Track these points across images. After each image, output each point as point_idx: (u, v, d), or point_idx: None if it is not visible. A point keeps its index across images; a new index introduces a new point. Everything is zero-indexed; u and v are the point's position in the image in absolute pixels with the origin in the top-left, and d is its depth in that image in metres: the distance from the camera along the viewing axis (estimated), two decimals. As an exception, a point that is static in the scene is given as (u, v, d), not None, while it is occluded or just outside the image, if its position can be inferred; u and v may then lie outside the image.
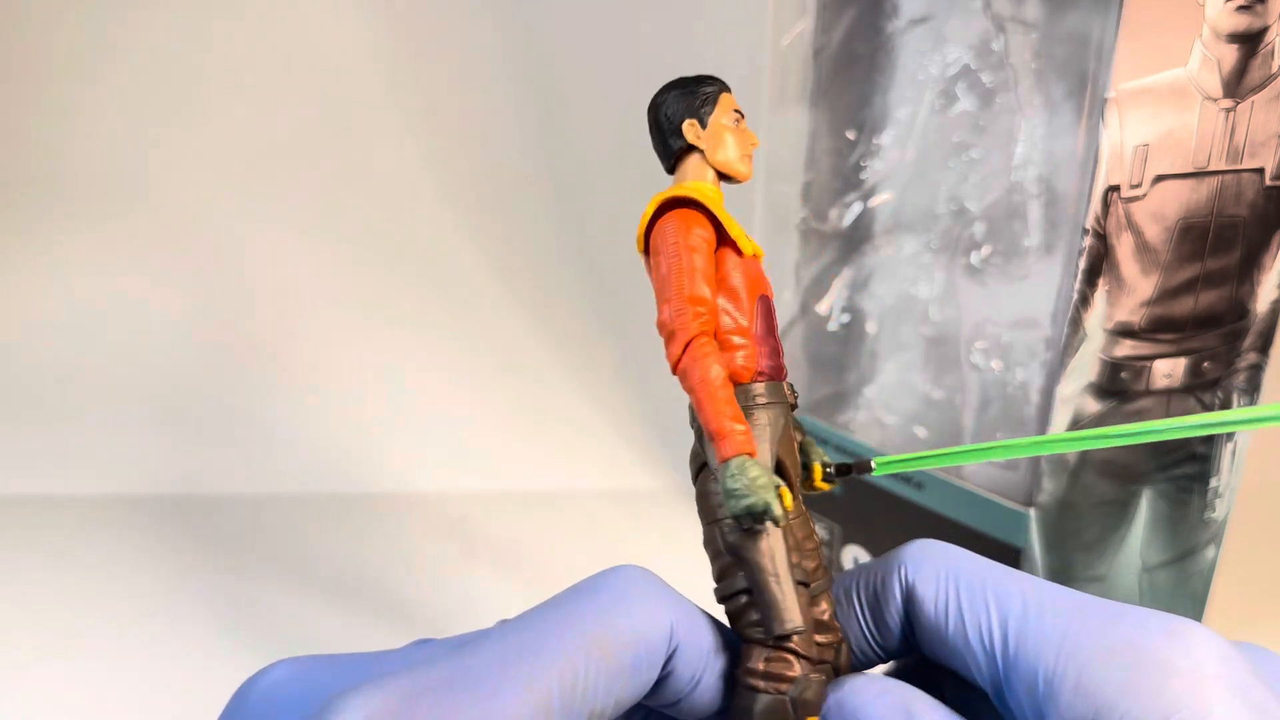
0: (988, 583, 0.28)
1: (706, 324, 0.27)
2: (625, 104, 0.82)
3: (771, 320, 0.29)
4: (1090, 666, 0.24)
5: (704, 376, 0.26)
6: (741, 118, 0.29)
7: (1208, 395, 0.43)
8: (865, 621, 0.30)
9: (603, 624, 0.25)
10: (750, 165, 0.29)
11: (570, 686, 0.23)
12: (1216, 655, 0.24)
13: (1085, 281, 0.40)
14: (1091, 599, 0.27)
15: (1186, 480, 0.45)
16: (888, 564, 0.30)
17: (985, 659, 0.27)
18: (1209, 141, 0.39)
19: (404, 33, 0.79)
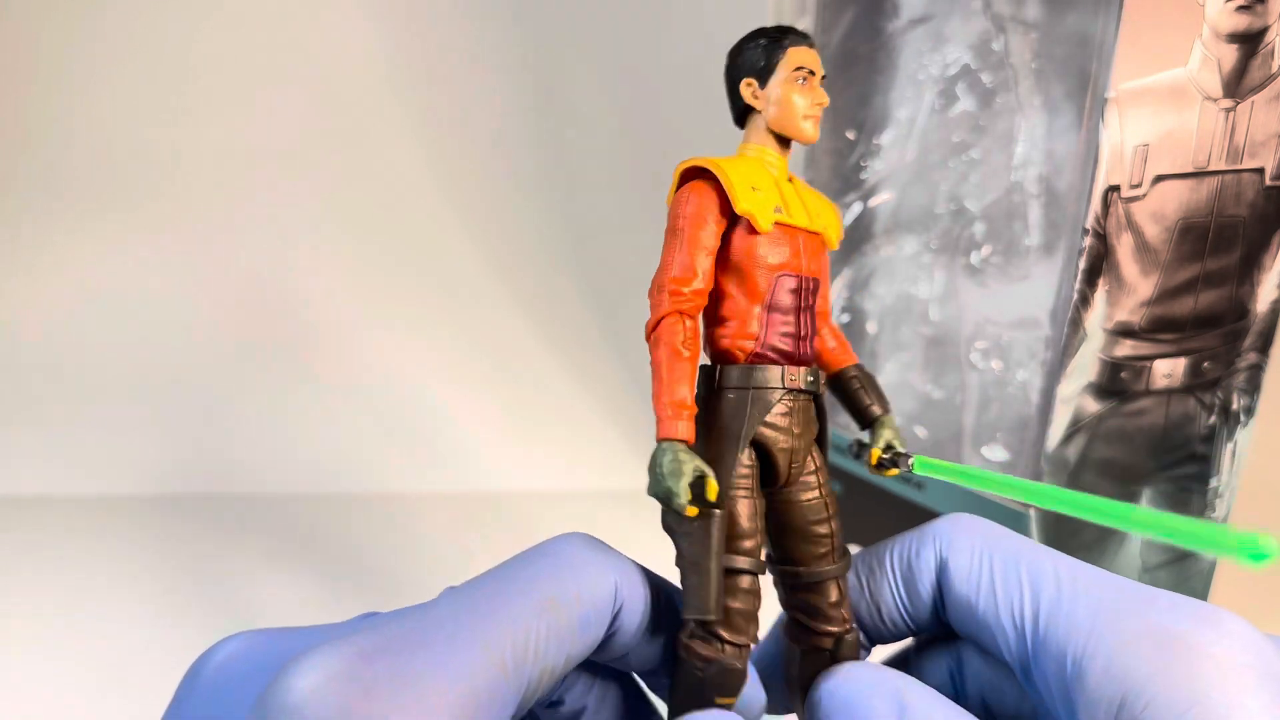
0: (1022, 559, 0.28)
1: (683, 303, 0.27)
2: (626, 104, 0.82)
3: (799, 299, 0.28)
4: (1120, 650, 0.24)
5: (659, 357, 0.26)
6: (808, 75, 0.27)
7: (1208, 395, 0.43)
8: (898, 590, 0.30)
9: (552, 586, 0.26)
10: (815, 127, 0.28)
11: (523, 645, 0.24)
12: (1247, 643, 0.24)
13: (1085, 281, 0.40)
14: (1125, 581, 0.27)
15: (1186, 480, 0.44)
16: (923, 535, 0.30)
17: (1015, 636, 0.27)
18: (1209, 141, 0.39)
19: (407, 33, 0.79)
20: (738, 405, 0.27)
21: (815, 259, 0.28)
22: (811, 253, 0.28)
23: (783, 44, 0.27)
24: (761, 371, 0.27)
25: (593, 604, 0.26)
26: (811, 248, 0.28)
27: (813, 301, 0.28)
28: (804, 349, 0.28)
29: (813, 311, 0.28)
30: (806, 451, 0.28)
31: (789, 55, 0.27)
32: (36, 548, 0.58)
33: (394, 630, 0.23)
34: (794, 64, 0.27)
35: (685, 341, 0.26)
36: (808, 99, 0.27)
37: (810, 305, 0.28)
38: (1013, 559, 0.28)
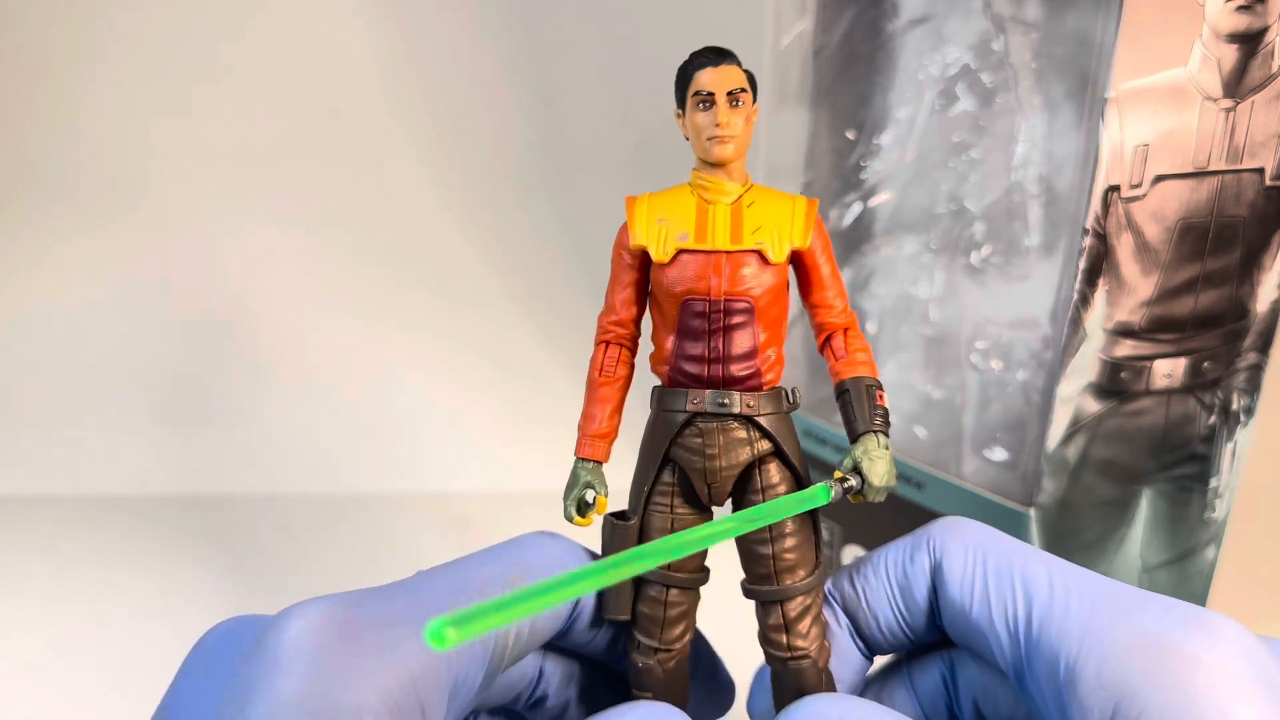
0: (1015, 563, 0.28)
1: (604, 333, 0.30)
2: (625, 104, 0.82)
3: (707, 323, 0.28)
4: (1112, 656, 0.24)
5: (587, 383, 0.30)
6: (707, 97, 0.27)
7: (1208, 395, 0.43)
8: (894, 598, 0.30)
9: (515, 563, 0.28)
10: (720, 147, 0.28)
11: None
12: (1241, 649, 0.24)
13: (1085, 281, 0.40)
14: (1118, 585, 0.27)
15: (1186, 480, 0.44)
16: (917, 539, 0.30)
17: (1009, 640, 0.27)
18: (1209, 141, 0.39)
19: (403, 32, 0.79)
20: (653, 426, 0.29)
21: (739, 276, 0.28)
22: (734, 272, 0.28)
23: (688, 70, 0.28)
24: (670, 395, 0.29)
25: None
26: (735, 266, 0.28)
27: (734, 323, 0.28)
28: (714, 372, 0.28)
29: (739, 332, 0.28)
30: (737, 473, 0.29)
31: (693, 80, 0.28)
32: (37, 548, 0.58)
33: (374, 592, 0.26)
34: (694, 89, 0.28)
35: (600, 368, 0.30)
36: (707, 121, 0.27)
37: (725, 327, 0.28)
38: (1006, 562, 0.28)
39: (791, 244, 0.28)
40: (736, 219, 0.28)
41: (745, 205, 0.28)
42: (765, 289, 0.28)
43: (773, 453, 0.29)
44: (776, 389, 0.29)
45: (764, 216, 0.28)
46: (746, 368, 0.28)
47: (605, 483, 0.30)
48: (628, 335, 0.30)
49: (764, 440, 0.29)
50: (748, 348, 0.28)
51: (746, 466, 0.29)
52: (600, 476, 0.30)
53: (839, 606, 0.31)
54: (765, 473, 0.29)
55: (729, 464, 0.28)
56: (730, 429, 0.28)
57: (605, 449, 0.30)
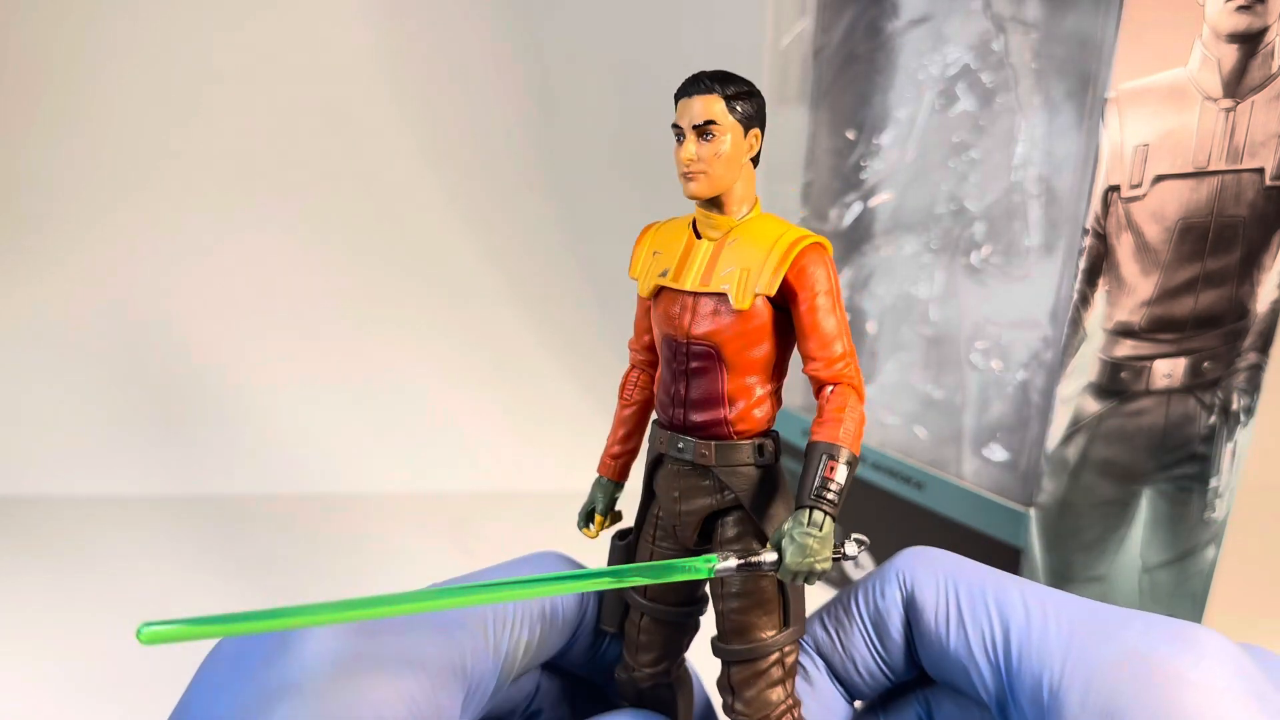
0: (988, 589, 0.27)
1: (630, 357, 0.30)
2: (625, 105, 0.82)
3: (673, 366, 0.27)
4: (1097, 677, 0.24)
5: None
6: (679, 132, 0.26)
7: (1207, 395, 0.43)
8: (869, 636, 0.29)
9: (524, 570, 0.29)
10: (687, 184, 0.26)
11: (501, 618, 0.27)
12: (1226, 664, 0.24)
13: (1085, 281, 0.40)
14: (1093, 604, 0.26)
15: (1187, 480, 0.44)
16: (884, 574, 0.29)
17: (989, 669, 0.26)
18: (1209, 141, 0.39)
19: (403, 33, 0.79)
20: (647, 457, 0.29)
21: (711, 319, 0.26)
22: (706, 315, 0.26)
23: (676, 102, 0.26)
24: (653, 430, 0.29)
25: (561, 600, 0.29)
26: (706, 309, 0.26)
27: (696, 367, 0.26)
28: (678, 416, 0.27)
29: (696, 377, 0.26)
30: (699, 520, 0.27)
31: (678, 111, 0.26)
32: (37, 548, 0.58)
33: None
34: (674, 121, 0.26)
35: (623, 390, 0.30)
36: (679, 155, 0.26)
37: (688, 370, 0.26)
38: (978, 588, 0.27)
39: (756, 289, 0.25)
40: (714, 257, 0.26)
41: (729, 242, 0.26)
42: (732, 334, 0.26)
43: (736, 506, 0.27)
44: (736, 444, 0.27)
45: (739, 257, 0.26)
46: (708, 415, 0.26)
47: (611, 500, 0.30)
48: (648, 361, 0.30)
49: (725, 492, 0.27)
50: (711, 393, 0.26)
51: (710, 514, 0.27)
52: (608, 495, 0.30)
53: (814, 651, 0.30)
54: (724, 526, 0.27)
55: (689, 510, 0.27)
56: (690, 475, 0.27)
57: (616, 468, 0.30)
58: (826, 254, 0.26)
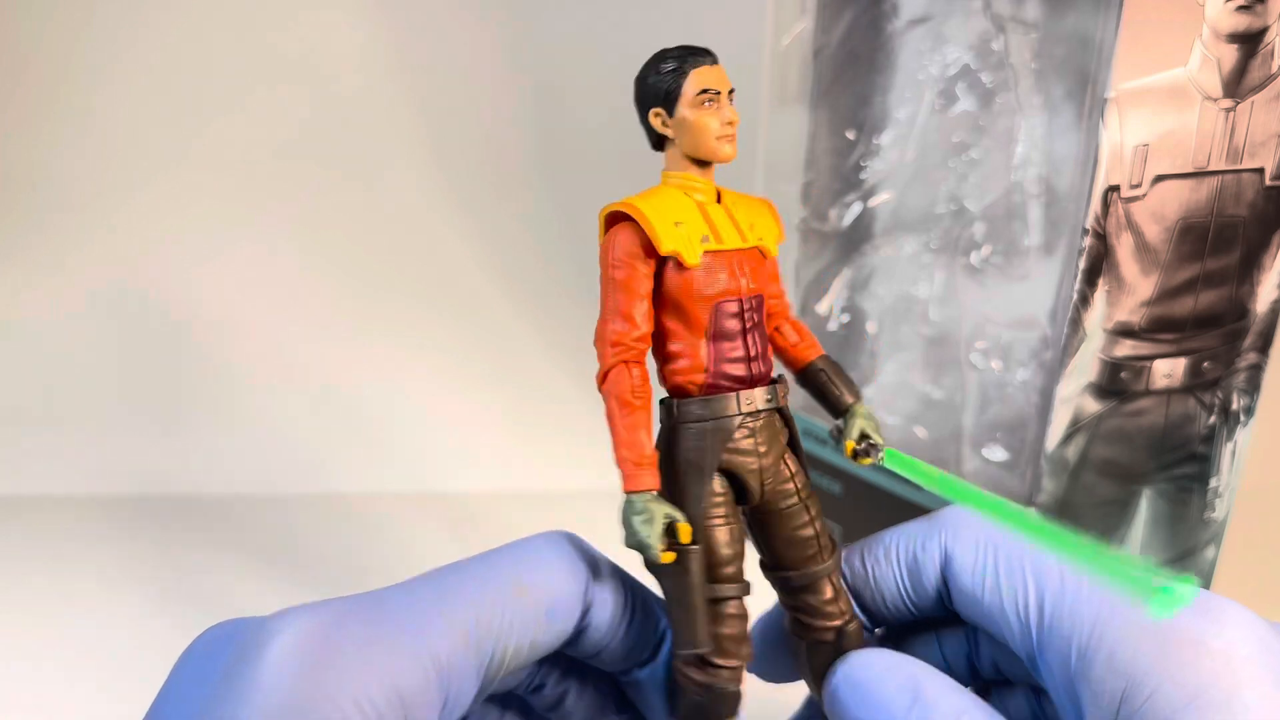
0: (1026, 554, 0.28)
1: (626, 353, 0.27)
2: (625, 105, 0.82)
3: (742, 322, 0.28)
4: (1123, 643, 0.25)
5: (612, 409, 0.27)
6: (714, 95, 0.27)
7: (1208, 395, 0.43)
8: (902, 581, 0.31)
9: (520, 574, 0.27)
10: (731, 146, 0.27)
11: (487, 620, 0.26)
12: (1248, 635, 0.24)
13: (1085, 281, 0.40)
14: None
15: (1186, 480, 0.44)
16: (928, 528, 0.31)
17: (1020, 629, 0.27)
18: (1209, 141, 0.39)
19: (403, 34, 0.79)
20: (698, 438, 0.28)
21: (756, 273, 0.28)
22: (751, 269, 0.28)
23: (683, 68, 0.27)
24: (717, 402, 0.28)
25: (561, 595, 0.28)
26: (749, 263, 0.28)
27: (758, 319, 0.28)
28: (757, 370, 0.28)
29: (759, 329, 0.28)
30: (778, 463, 0.29)
31: (692, 78, 0.27)
32: (37, 548, 0.58)
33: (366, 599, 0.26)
34: (698, 86, 0.27)
35: (634, 391, 0.27)
36: (718, 120, 0.27)
37: (756, 324, 0.28)
38: (1017, 554, 0.28)
39: (778, 239, 0.29)
40: (732, 218, 0.28)
41: (730, 205, 0.28)
42: (768, 282, 0.29)
43: (789, 439, 0.29)
44: (781, 378, 0.30)
45: (751, 214, 0.29)
46: (769, 363, 0.29)
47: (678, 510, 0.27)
48: (645, 351, 0.28)
49: (786, 428, 0.29)
50: (766, 340, 0.29)
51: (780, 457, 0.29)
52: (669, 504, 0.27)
53: (845, 582, 0.31)
54: (788, 462, 0.29)
55: (774, 458, 0.29)
56: (770, 424, 0.28)
57: (657, 476, 0.27)
58: None
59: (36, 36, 0.74)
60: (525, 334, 0.78)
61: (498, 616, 0.26)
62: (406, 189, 0.80)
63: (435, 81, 0.79)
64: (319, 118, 0.78)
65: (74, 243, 0.76)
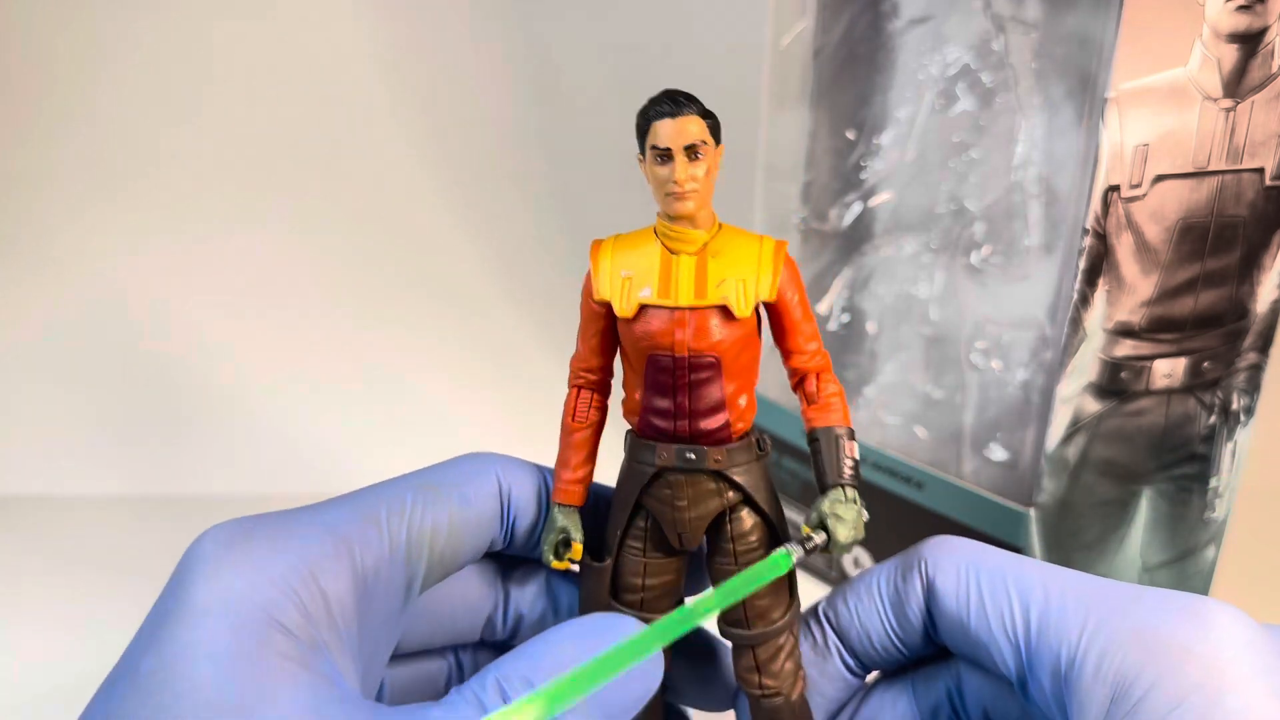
0: (1008, 573, 0.28)
1: (575, 378, 0.30)
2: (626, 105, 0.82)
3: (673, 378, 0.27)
4: (1110, 651, 0.25)
5: (561, 424, 0.30)
6: (662, 153, 0.26)
7: (1207, 395, 0.43)
8: (887, 617, 0.30)
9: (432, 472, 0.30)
10: (680, 204, 0.27)
11: (400, 510, 0.28)
12: (1237, 638, 0.24)
13: (1085, 281, 0.40)
14: (1112, 583, 0.27)
15: (1187, 480, 0.45)
16: (907, 560, 0.30)
17: (1009, 647, 0.27)
18: (1209, 141, 0.39)
19: (402, 31, 0.79)
20: (625, 474, 0.29)
21: (710, 334, 0.27)
22: (699, 328, 0.27)
23: (645, 119, 0.27)
24: (642, 447, 0.29)
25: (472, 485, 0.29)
26: (698, 321, 0.27)
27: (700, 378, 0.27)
28: (682, 427, 0.28)
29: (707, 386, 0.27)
30: (708, 522, 0.29)
31: (650, 132, 0.27)
32: (37, 548, 0.58)
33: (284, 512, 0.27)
34: (651, 143, 0.27)
35: (573, 413, 0.30)
36: (663, 176, 0.27)
37: (691, 383, 0.27)
38: (999, 574, 0.28)
39: (758, 298, 0.27)
40: (701, 271, 0.27)
41: (710, 256, 0.27)
42: (731, 342, 0.27)
43: (743, 501, 0.29)
44: (747, 437, 0.29)
45: (730, 267, 0.27)
46: (715, 421, 0.28)
47: (580, 527, 0.30)
48: (598, 381, 0.30)
49: (731, 491, 0.28)
50: (715, 400, 0.27)
51: (718, 514, 0.29)
52: (575, 521, 0.30)
53: (830, 627, 0.31)
54: (737, 521, 0.29)
55: (698, 514, 0.28)
56: (699, 481, 0.28)
57: (580, 493, 0.30)
58: None
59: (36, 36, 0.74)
60: (526, 334, 0.78)
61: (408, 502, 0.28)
62: (407, 190, 0.80)
63: (437, 82, 0.79)
64: (316, 118, 0.78)
65: (73, 242, 0.76)
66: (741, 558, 0.29)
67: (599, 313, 0.29)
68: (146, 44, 0.75)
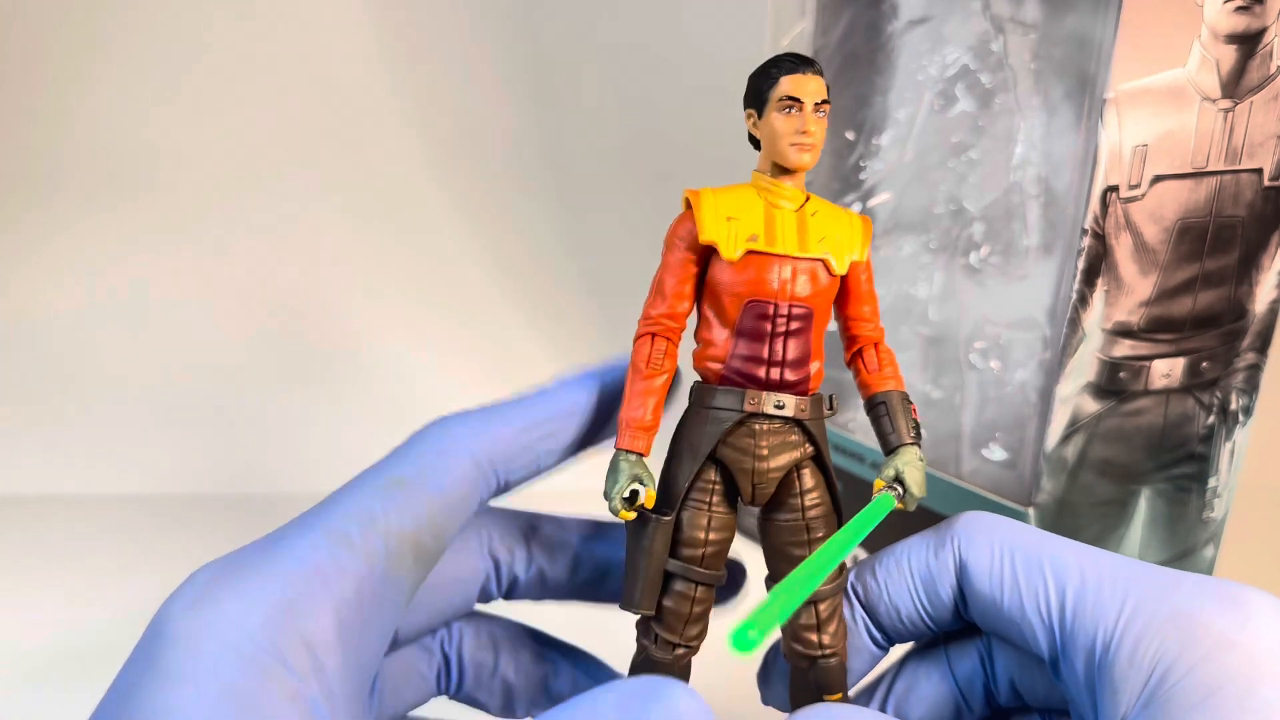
0: (1044, 553, 0.28)
1: (651, 325, 0.29)
2: (626, 103, 0.82)
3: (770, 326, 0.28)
4: (1146, 636, 0.25)
5: (628, 375, 0.29)
6: (794, 103, 0.28)
7: (1206, 395, 0.43)
8: (917, 594, 0.30)
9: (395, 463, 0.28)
10: (801, 154, 0.28)
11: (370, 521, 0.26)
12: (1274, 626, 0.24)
13: (1084, 281, 0.40)
14: (1147, 565, 0.27)
15: (1185, 480, 0.45)
16: (940, 537, 0.30)
17: (1043, 629, 0.27)
18: (1207, 142, 0.39)
19: (406, 28, 0.79)
20: (698, 423, 0.29)
21: (808, 286, 0.28)
22: (801, 279, 0.28)
23: (772, 74, 0.28)
24: (723, 394, 0.29)
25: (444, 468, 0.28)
26: (801, 273, 0.28)
27: (800, 327, 0.28)
28: (774, 375, 0.28)
29: (798, 337, 0.28)
30: (782, 474, 0.29)
31: (779, 85, 0.28)
32: (37, 548, 0.59)
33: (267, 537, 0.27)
34: (781, 94, 0.28)
35: (648, 360, 0.29)
36: (791, 126, 0.28)
37: (787, 332, 0.28)
38: (1034, 554, 0.28)
39: (852, 257, 0.29)
40: (802, 226, 0.28)
41: (809, 214, 0.29)
42: (824, 297, 0.29)
43: (812, 457, 0.29)
44: (818, 395, 0.30)
45: (828, 227, 0.29)
46: (800, 373, 0.29)
47: (652, 476, 0.29)
48: (677, 329, 0.30)
49: (808, 444, 0.29)
50: (804, 352, 0.29)
51: (789, 469, 0.29)
52: (646, 469, 0.29)
53: (859, 600, 0.31)
54: (803, 476, 0.29)
55: (777, 466, 0.29)
56: (781, 431, 0.29)
57: (649, 442, 0.29)
58: None
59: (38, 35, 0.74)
60: (529, 334, 0.78)
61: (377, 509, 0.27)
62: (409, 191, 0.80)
63: (440, 79, 0.79)
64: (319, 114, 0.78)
65: (73, 242, 0.76)
66: (809, 512, 0.29)
67: (692, 258, 0.29)
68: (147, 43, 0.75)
